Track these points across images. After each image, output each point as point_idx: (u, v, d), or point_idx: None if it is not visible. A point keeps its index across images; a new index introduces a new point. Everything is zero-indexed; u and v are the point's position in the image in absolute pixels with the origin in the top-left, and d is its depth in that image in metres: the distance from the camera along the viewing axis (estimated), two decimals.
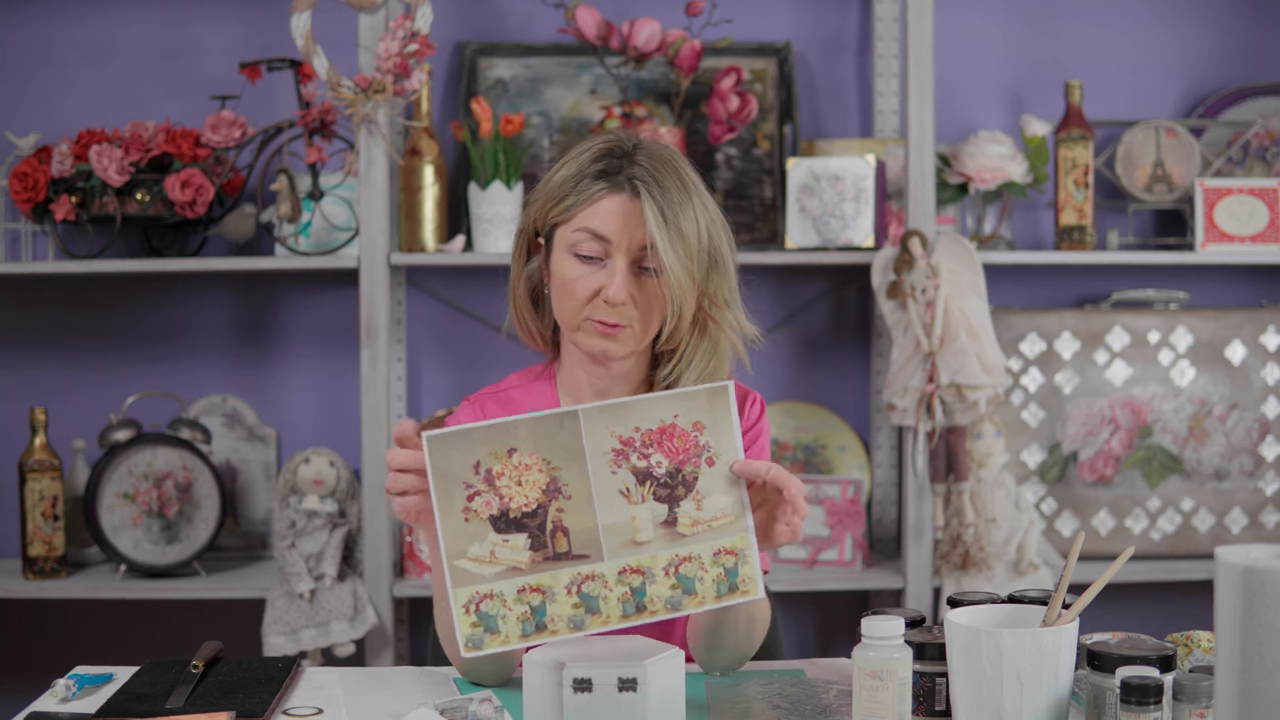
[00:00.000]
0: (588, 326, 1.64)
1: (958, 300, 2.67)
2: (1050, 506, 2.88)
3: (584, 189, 1.63)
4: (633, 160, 1.63)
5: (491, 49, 2.94)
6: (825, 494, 2.84)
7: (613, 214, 1.61)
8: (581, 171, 1.64)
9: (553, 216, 1.65)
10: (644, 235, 1.60)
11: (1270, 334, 2.90)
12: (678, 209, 1.60)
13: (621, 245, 1.61)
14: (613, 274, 1.61)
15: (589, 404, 1.41)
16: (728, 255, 1.66)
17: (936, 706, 1.44)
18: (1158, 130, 2.92)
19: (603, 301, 1.62)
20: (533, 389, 1.76)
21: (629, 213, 1.61)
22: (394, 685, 1.63)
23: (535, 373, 1.78)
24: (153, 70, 2.94)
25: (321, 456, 2.79)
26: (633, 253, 1.62)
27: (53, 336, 2.97)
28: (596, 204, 1.62)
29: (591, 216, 1.62)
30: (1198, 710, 1.27)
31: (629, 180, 1.61)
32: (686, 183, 1.63)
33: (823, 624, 3.06)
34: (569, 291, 1.63)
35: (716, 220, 1.66)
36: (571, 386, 1.74)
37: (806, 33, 3.00)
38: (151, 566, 2.75)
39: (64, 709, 1.54)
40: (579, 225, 1.62)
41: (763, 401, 1.75)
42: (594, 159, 1.64)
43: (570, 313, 1.64)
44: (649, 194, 1.59)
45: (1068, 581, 1.37)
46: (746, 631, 1.62)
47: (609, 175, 1.62)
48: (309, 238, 2.79)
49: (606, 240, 1.61)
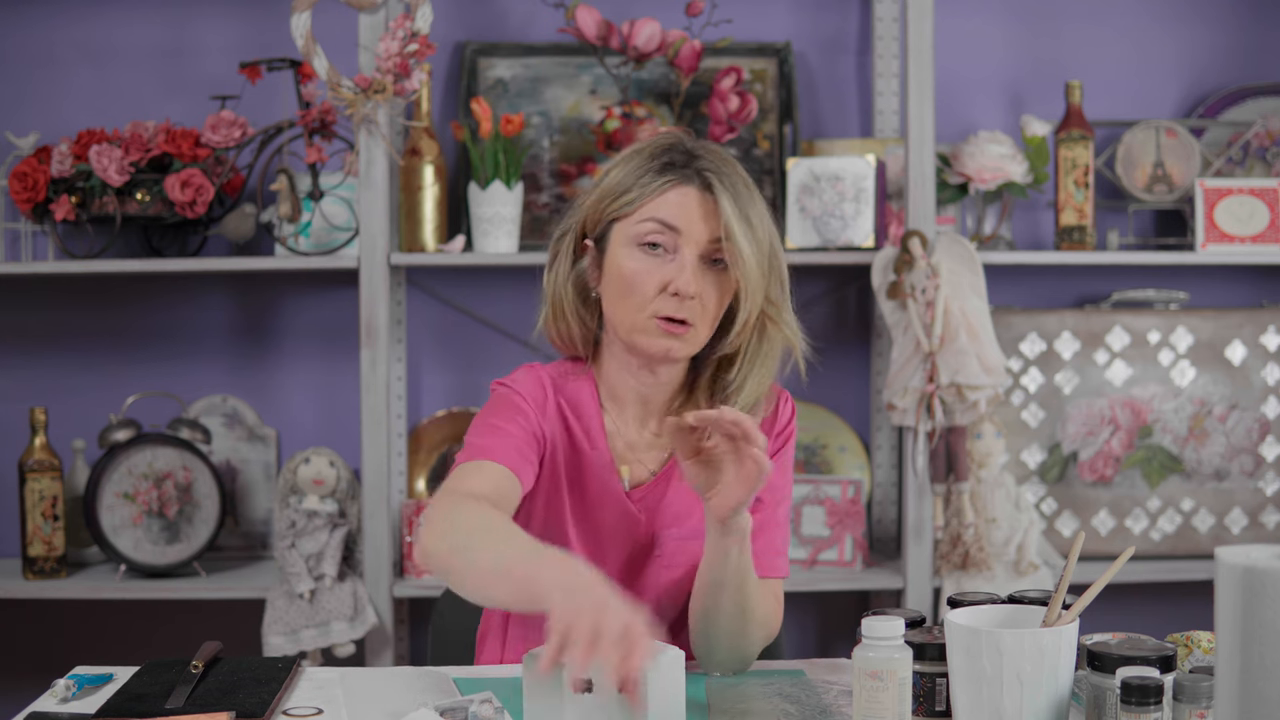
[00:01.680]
0: (650, 326, 1.61)
1: (958, 300, 2.67)
2: (1050, 506, 2.88)
3: (648, 182, 1.61)
4: (697, 156, 1.62)
5: (491, 49, 2.94)
6: (825, 494, 2.84)
7: (683, 205, 1.60)
8: (643, 167, 1.63)
9: (610, 212, 1.63)
10: (715, 228, 1.59)
11: (1270, 334, 2.90)
12: (747, 204, 1.60)
13: (691, 237, 1.60)
14: (682, 266, 1.60)
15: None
16: (783, 257, 1.66)
17: (936, 707, 1.44)
18: (1158, 130, 2.92)
19: (671, 295, 1.59)
20: (578, 385, 1.72)
21: (701, 204, 1.60)
22: (394, 685, 1.63)
23: (575, 369, 1.74)
24: (153, 70, 2.94)
25: (321, 456, 2.79)
26: (702, 245, 1.60)
27: (53, 336, 2.97)
28: (665, 195, 1.61)
29: (659, 207, 1.60)
30: (1198, 710, 1.27)
31: (699, 173, 1.61)
32: (749, 183, 1.64)
33: (823, 624, 3.06)
34: (633, 286, 1.61)
35: (772, 225, 1.66)
36: (613, 390, 1.71)
37: (806, 33, 3.00)
38: (151, 566, 2.75)
39: (64, 709, 1.54)
40: (646, 215, 1.61)
41: (794, 405, 1.75)
42: (654, 155, 1.63)
43: (633, 309, 1.61)
44: (722, 185, 1.59)
45: (1068, 582, 1.37)
46: (739, 618, 1.61)
47: (676, 168, 1.61)
48: (309, 238, 2.79)
49: (676, 231, 1.60)
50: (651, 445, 1.73)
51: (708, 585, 1.60)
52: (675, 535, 1.71)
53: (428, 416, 2.99)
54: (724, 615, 1.61)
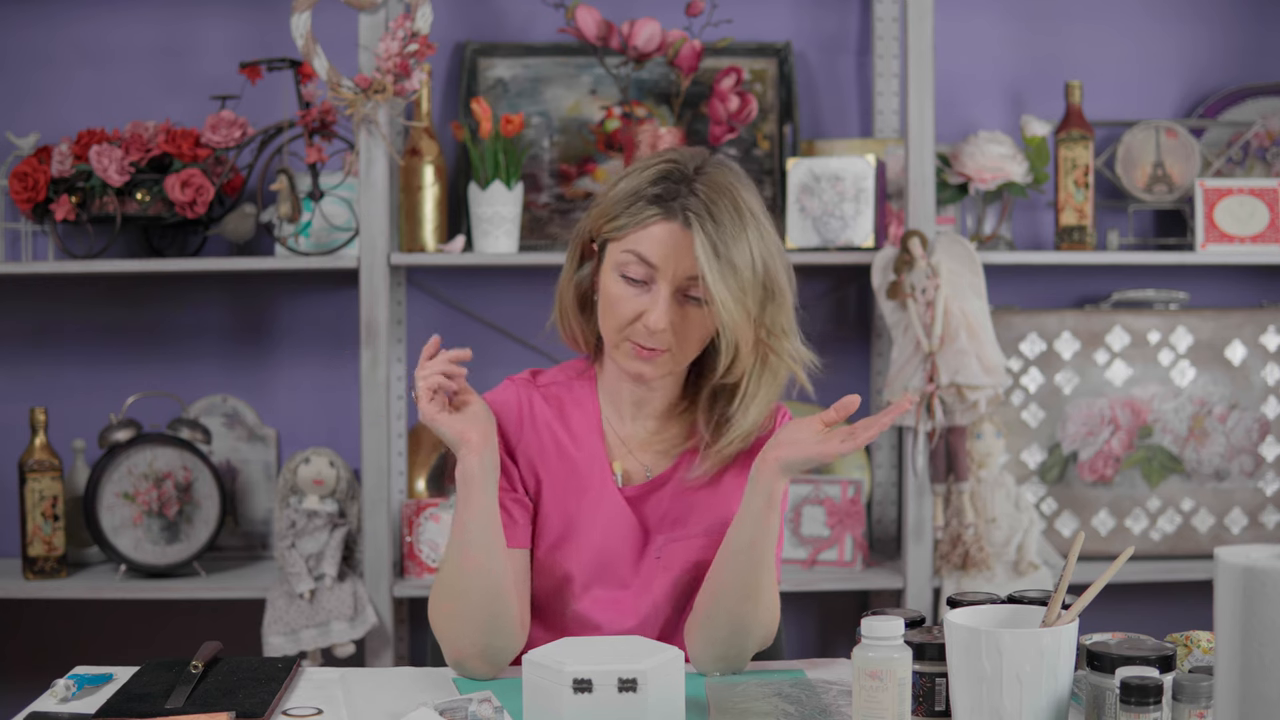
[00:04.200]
0: (626, 347, 1.64)
1: (958, 300, 2.67)
2: (1050, 506, 2.88)
3: (637, 211, 1.62)
4: (690, 188, 1.61)
5: (491, 49, 2.94)
6: (825, 494, 2.84)
7: (662, 241, 1.61)
8: (639, 192, 1.63)
9: (606, 231, 1.65)
10: (691, 265, 1.60)
11: (1270, 334, 2.90)
12: (730, 241, 1.59)
13: (667, 273, 1.61)
14: (655, 300, 1.61)
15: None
16: (784, 284, 1.65)
17: (936, 707, 1.44)
18: (1158, 130, 2.92)
19: (642, 326, 1.62)
20: (574, 388, 1.76)
21: (679, 242, 1.60)
22: (394, 685, 1.63)
23: (578, 369, 1.78)
24: (153, 70, 2.94)
25: (321, 456, 2.79)
26: (678, 281, 1.61)
27: (53, 336, 2.97)
28: (648, 228, 1.61)
29: (640, 240, 1.61)
30: (1197, 710, 1.27)
31: (682, 210, 1.60)
32: (743, 212, 1.62)
33: (823, 624, 3.06)
34: (612, 310, 1.64)
35: (774, 249, 1.64)
36: (611, 393, 1.74)
37: (806, 33, 3.00)
38: (151, 566, 2.75)
39: (64, 709, 1.54)
40: (628, 246, 1.62)
41: (791, 418, 1.75)
42: (653, 180, 1.63)
43: (611, 330, 1.65)
44: (700, 227, 1.59)
45: (1068, 581, 1.37)
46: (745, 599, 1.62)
47: (664, 201, 1.61)
48: (309, 238, 2.79)
49: (653, 266, 1.61)
50: (648, 445, 1.74)
51: (724, 561, 1.63)
52: (672, 537, 1.72)
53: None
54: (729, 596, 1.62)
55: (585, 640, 1.48)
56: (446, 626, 1.64)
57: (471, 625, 1.62)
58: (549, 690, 1.38)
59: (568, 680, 1.36)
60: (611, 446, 1.73)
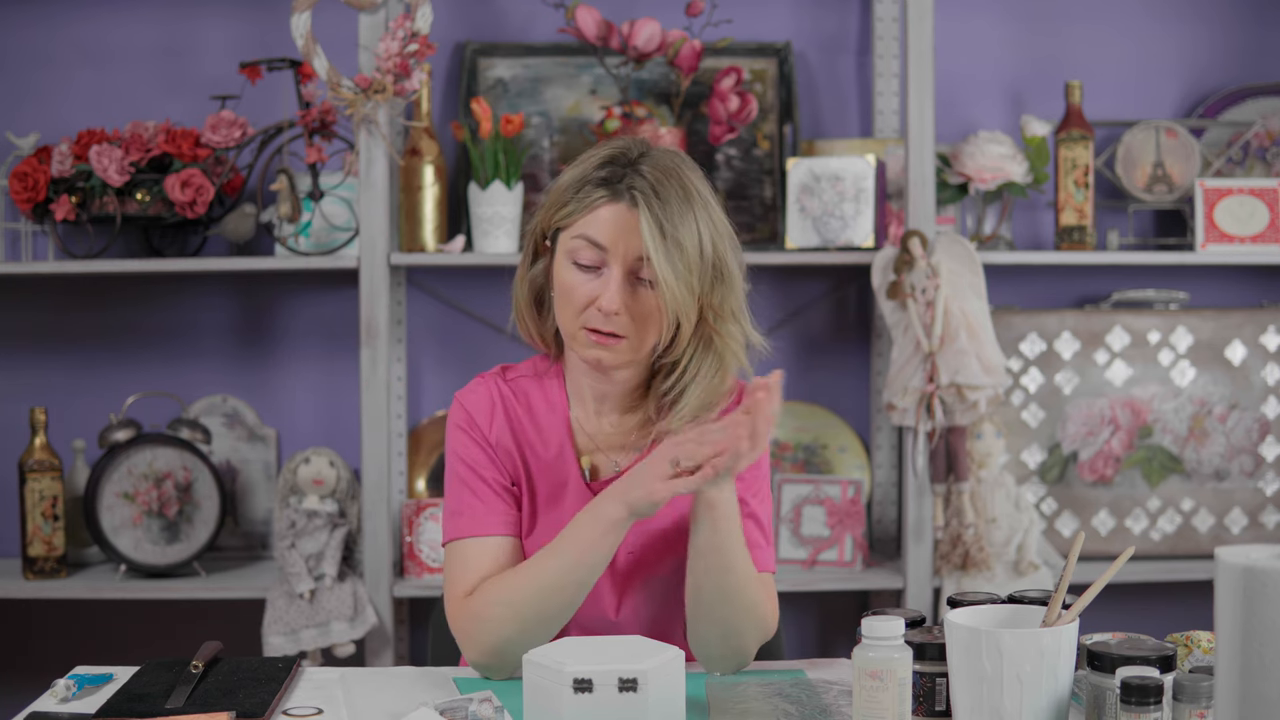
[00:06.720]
0: (582, 336, 1.64)
1: (958, 300, 2.67)
2: (1050, 506, 2.88)
3: (585, 196, 1.63)
4: (636, 169, 1.62)
5: (491, 49, 2.94)
6: (825, 494, 2.84)
7: (610, 223, 1.61)
8: (585, 177, 1.64)
9: (556, 221, 1.66)
10: (639, 245, 1.60)
11: (1270, 334, 2.90)
12: (677, 221, 1.59)
13: (618, 254, 1.61)
14: (608, 283, 1.61)
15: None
16: (733, 267, 1.65)
17: (936, 707, 1.44)
18: (1158, 130, 2.92)
19: (597, 310, 1.62)
20: (544, 384, 1.76)
21: (626, 222, 1.60)
22: (394, 685, 1.63)
23: (546, 365, 1.78)
24: (153, 70, 2.94)
25: (321, 456, 2.79)
26: (629, 263, 1.61)
27: (53, 336, 2.97)
28: (596, 212, 1.62)
29: (589, 224, 1.62)
30: (1198, 710, 1.27)
31: (629, 190, 1.61)
32: (690, 193, 1.62)
33: (823, 624, 3.06)
34: (567, 298, 1.64)
35: (723, 232, 1.64)
36: (576, 389, 1.75)
37: (806, 33, 3.00)
38: (151, 566, 2.75)
39: (64, 709, 1.54)
40: (578, 232, 1.62)
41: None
42: (598, 165, 1.64)
43: (567, 319, 1.65)
44: (646, 205, 1.59)
45: (1068, 582, 1.37)
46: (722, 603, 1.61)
47: (610, 183, 1.62)
48: (309, 238, 2.79)
49: (603, 249, 1.61)
50: (614, 440, 1.74)
51: (689, 563, 1.63)
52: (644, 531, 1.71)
53: (428, 416, 2.99)
54: (705, 598, 1.61)
55: (585, 640, 1.48)
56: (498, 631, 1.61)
57: (540, 636, 1.60)
58: (549, 690, 1.38)
59: (568, 680, 1.36)
60: (579, 442, 1.74)
